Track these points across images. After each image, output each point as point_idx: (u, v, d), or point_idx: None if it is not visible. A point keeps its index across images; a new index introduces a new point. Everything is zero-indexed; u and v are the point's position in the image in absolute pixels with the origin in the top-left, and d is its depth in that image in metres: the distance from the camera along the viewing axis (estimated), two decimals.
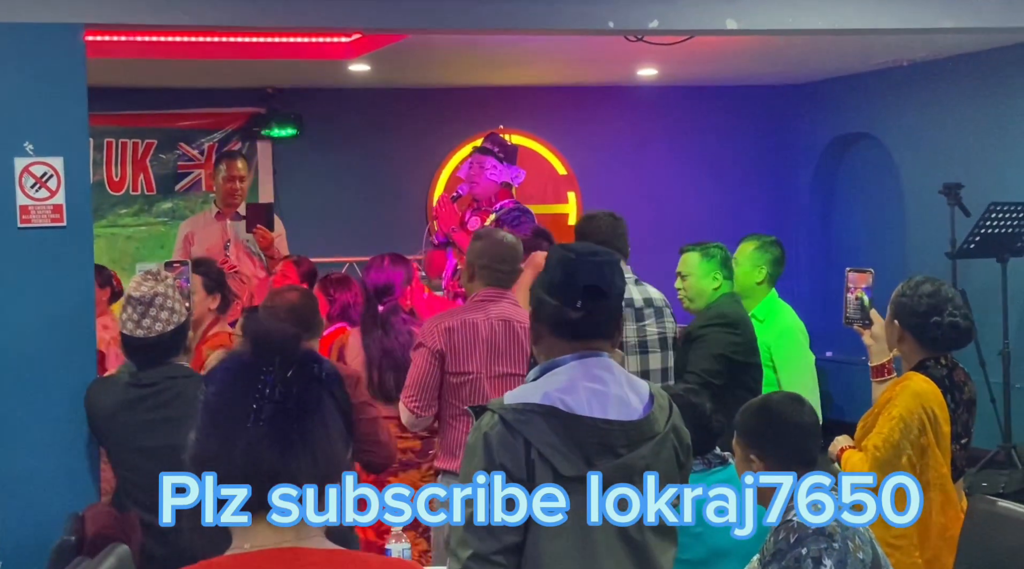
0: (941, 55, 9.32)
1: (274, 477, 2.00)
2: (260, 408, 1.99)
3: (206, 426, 2.04)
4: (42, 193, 4.83)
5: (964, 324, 4.64)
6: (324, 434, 2.04)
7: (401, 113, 10.48)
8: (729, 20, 5.53)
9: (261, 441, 1.99)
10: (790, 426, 3.77)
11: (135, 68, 8.57)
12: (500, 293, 5.28)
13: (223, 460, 2.01)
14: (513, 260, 5.34)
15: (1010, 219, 8.25)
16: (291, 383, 2.02)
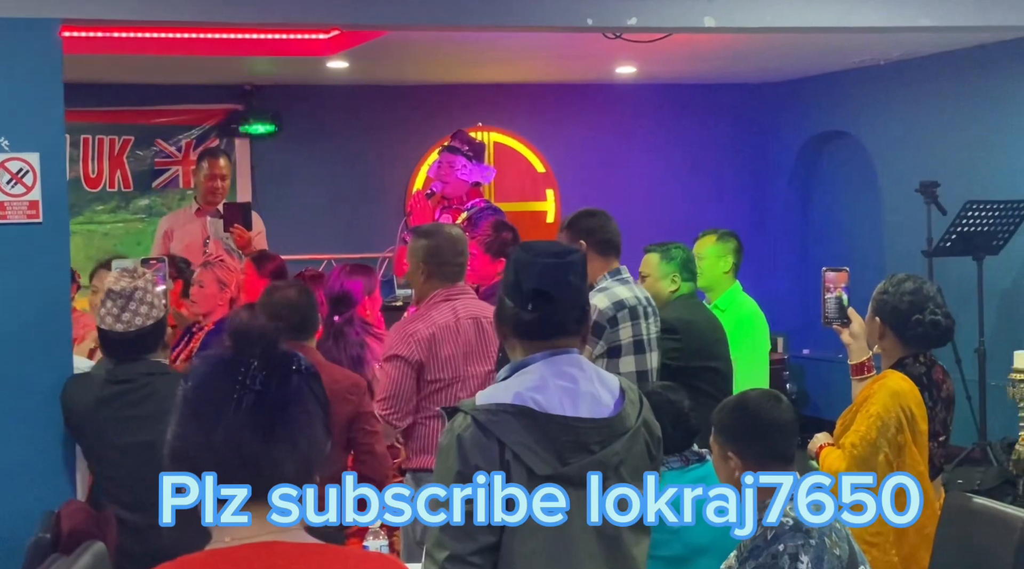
0: (918, 54, 9.35)
1: (256, 465, 2.01)
2: (241, 398, 2.01)
3: (186, 418, 2.05)
4: (18, 189, 4.80)
5: (945, 322, 4.65)
6: (306, 422, 2.06)
7: (380, 110, 10.47)
8: (707, 18, 5.54)
9: (242, 429, 2.00)
10: (767, 423, 3.76)
11: (112, 64, 8.54)
12: (459, 289, 5.25)
13: (204, 449, 2.01)
14: (462, 253, 5.32)
15: (986, 217, 8.28)
16: (272, 374, 2.04)
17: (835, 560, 3.55)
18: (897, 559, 4.41)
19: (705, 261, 6.67)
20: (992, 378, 8.13)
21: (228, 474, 2.02)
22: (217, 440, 2.01)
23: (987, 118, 9.01)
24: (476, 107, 10.49)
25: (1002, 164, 8.82)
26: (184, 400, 2.07)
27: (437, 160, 8.52)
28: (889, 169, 9.98)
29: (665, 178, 10.92)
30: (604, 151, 10.84)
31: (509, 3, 5.38)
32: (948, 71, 9.28)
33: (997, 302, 8.61)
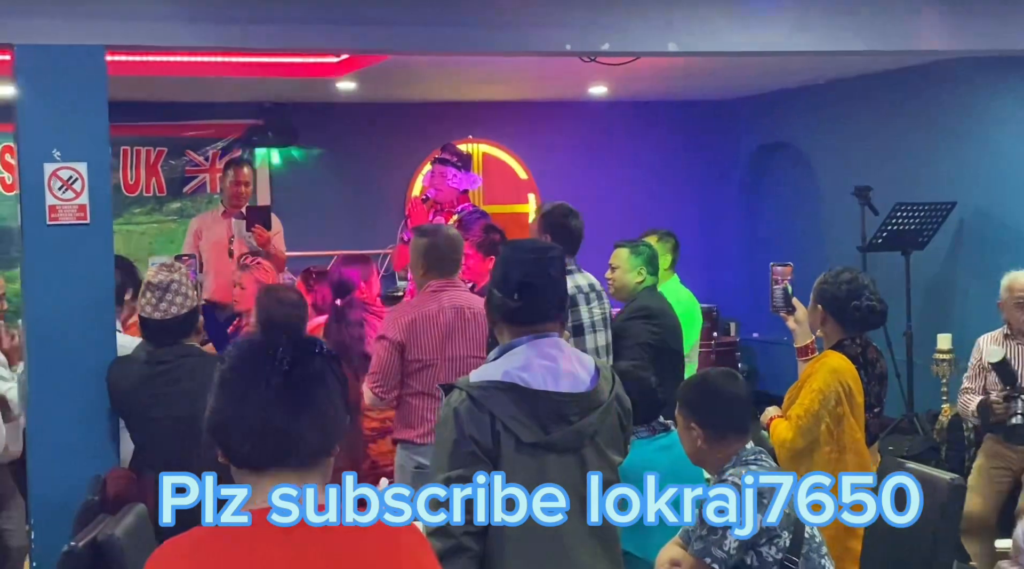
0: (853, 74, 9.36)
1: (283, 434, 2.01)
2: (270, 377, 2.01)
3: (222, 395, 2.06)
4: (68, 194, 4.80)
5: (879, 307, 4.69)
6: (327, 399, 2.06)
7: (383, 125, 10.45)
8: (671, 43, 5.54)
9: (271, 403, 2.01)
10: (726, 397, 3.78)
11: (148, 84, 8.51)
12: (450, 282, 5.26)
13: (237, 420, 2.02)
14: (458, 251, 5.33)
15: (913, 217, 8.31)
16: (297, 356, 2.05)
17: (784, 517, 3.56)
18: None
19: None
20: (918, 358, 8.17)
21: (258, 443, 2.02)
22: (249, 413, 2.01)
23: (913, 130, 9.03)
24: (467, 122, 10.48)
25: (927, 170, 8.85)
26: (221, 379, 2.08)
27: (430, 170, 8.52)
28: (827, 175, 9.99)
29: (632, 183, 10.92)
30: (579, 160, 10.84)
31: (497, 32, 5.38)
32: (879, 89, 9.30)
33: (922, 291, 8.64)
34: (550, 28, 5.38)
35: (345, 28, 5.26)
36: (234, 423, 2.02)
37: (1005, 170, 8.21)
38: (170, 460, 4.32)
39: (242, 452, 2.04)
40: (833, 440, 4.45)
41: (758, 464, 3.67)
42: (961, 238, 8.57)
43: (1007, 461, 6.02)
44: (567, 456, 3.15)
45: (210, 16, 5.02)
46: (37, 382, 4.78)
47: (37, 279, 4.81)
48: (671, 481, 4.30)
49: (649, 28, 5.47)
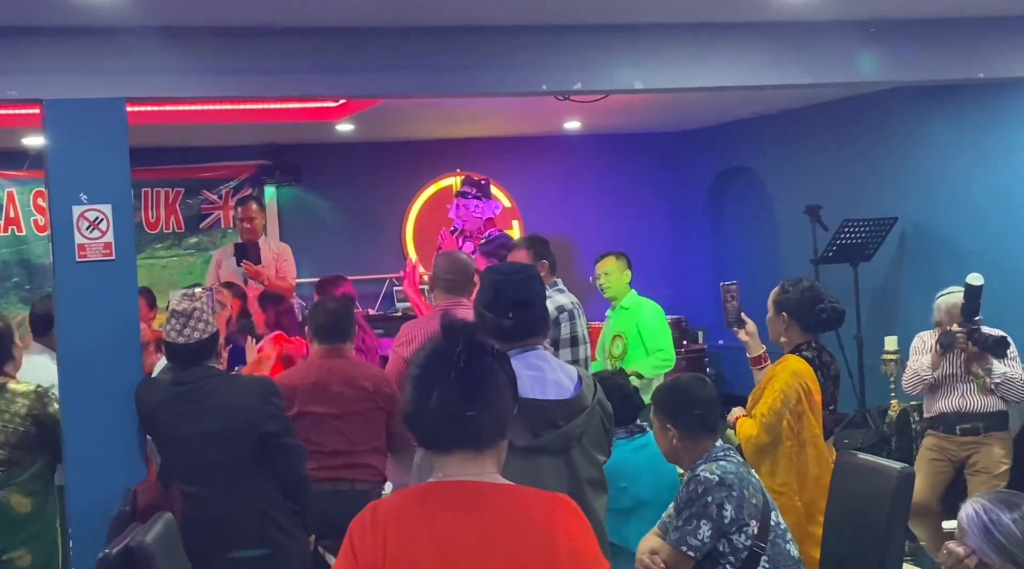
0: (801, 104, 9.41)
1: (461, 421, 2.20)
2: (449, 374, 2.20)
3: (412, 390, 2.25)
4: (95, 233, 4.78)
5: (840, 308, 4.71)
6: (496, 391, 2.25)
7: (378, 161, 10.46)
8: (637, 81, 5.55)
9: (450, 395, 2.20)
10: (696, 400, 3.79)
11: (166, 131, 8.52)
12: (456, 301, 5.26)
13: (424, 410, 2.21)
14: (464, 272, 5.33)
15: (859, 232, 8.34)
16: (471, 356, 2.23)
17: (752, 508, 3.57)
18: (800, 504, 4.43)
19: (612, 276, 6.75)
20: (868, 358, 8.18)
21: (441, 431, 2.22)
22: (433, 405, 2.20)
23: (859, 153, 9.07)
24: (455, 157, 10.50)
25: (870, 189, 8.89)
26: (411, 378, 2.26)
27: (454, 203, 8.57)
28: (782, 196, 10.02)
29: (605, 208, 10.94)
30: (557, 189, 10.86)
31: (480, 74, 5.39)
32: (826, 117, 9.34)
33: (870, 299, 8.67)
34: (528, 70, 5.39)
35: (342, 76, 5.26)
36: (422, 413, 2.22)
37: (940, 187, 8.25)
38: (194, 472, 4.31)
39: (429, 437, 2.25)
40: (794, 435, 4.45)
41: (727, 459, 3.68)
42: (903, 250, 8.60)
43: (946, 453, 6.03)
44: (556, 458, 3.15)
45: (219, 68, 5.03)
46: (72, 404, 4.76)
47: (68, 311, 4.80)
48: (648, 477, 4.31)
49: (617, 68, 5.48)
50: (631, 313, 6.73)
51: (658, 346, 6.62)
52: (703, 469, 3.62)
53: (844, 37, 5.63)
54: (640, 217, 11.01)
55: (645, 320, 6.69)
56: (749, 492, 3.58)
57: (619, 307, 6.80)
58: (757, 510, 3.57)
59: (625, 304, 6.77)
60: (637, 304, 6.78)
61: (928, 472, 5.97)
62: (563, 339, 5.65)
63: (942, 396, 6.04)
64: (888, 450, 7.05)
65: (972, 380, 5.94)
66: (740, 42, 5.59)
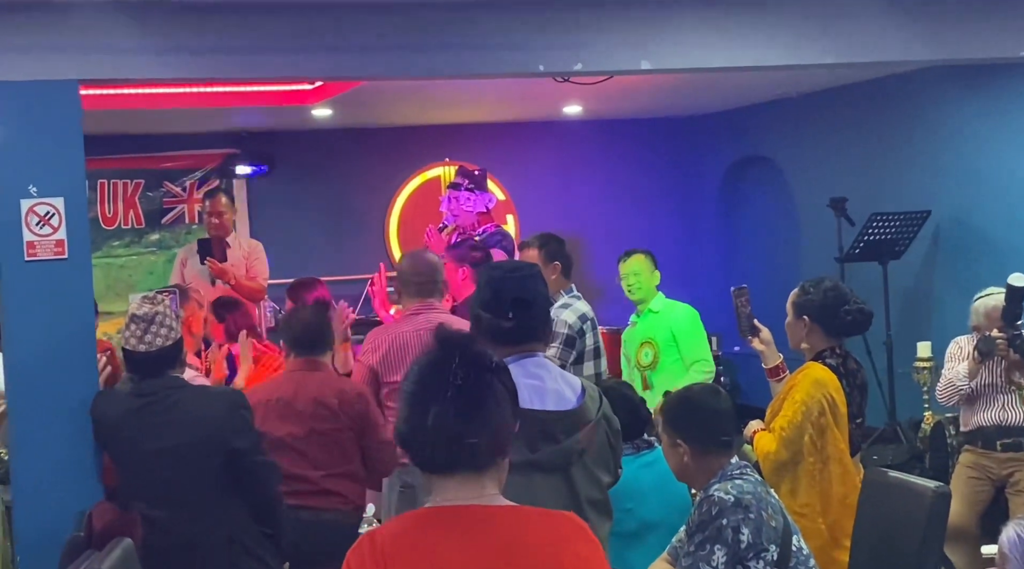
0: (824, 87, 9.41)
1: (457, 441, 2.26)
2: (446, 390, 2.26)
3: (406, 408, 2.31)
4: (45, 230, 4.77)
5: (868, 310, 4.71)
6: (495, 408, 2.30)
7: (359, 150, 10.46)
8: (643, 61, 5.55)
9: (447, 414, 2.25)
10: (710, 413, 3.79)
11: (124, 117, 8.50)
12: (427, 304, 5.27)
13: (419, 430, 2.28)
14: (432, 271, 5.34)
15: (889, 227, 8.34)
16: (469, 371, 2.29)
17: (771, 531, 3.57)
18: (824, 527, 4.43)
19: (642, 276, 6.73)
20: (899, 366, 8.18)
21: (438, 453, 2.28)
22: (428, 424, 2.26)
23: (887, 140, 9.07)
24: (444, 144, 10.50)
25: (901, 180, 8.89)
26: (405, 394, 2.33)
27: (445, 196, 8.57)
28: (803, 188, 10.03)
29: (609, 201, 10.95)
30: (556, 180, 10.86)
31: (469, 54, 5.38)
32: (851, 101, 9.34)
33: (900, 300, 8.67)
34: (522, 49, 5.38)
35: (318, 55, 5.26)
36: (416, 433, 2.29)
37: (977, 177, 8.26)
38: (156, 493, 4.31)
39: (424, 458, 2.31)
40: (817, 451, 4.45)
41: (744, 478, 3.68)
42: (937, 246, 8.61)
43: (985, 470, 6.03)
44: (554, 476, 3.14)
45: (182, 47, 5.01)
46: (20, 419, 4.75)
47: (16, 316, 4.78)
48: (656, 498, 4.31)
49: (621, 47, 5.48)
50: (662, 318, 6.69)
51: (698, 355, 6.62)
52: (717, 489, 3.62)
53: (871, 12, 5.64)
54: (646, 211, 11.01)
55: (681, 326, 6.68)
56: (768, 514, 3.58)
57: (647, 311, 6.76)
58: (777, 534, 3.57)
59: (655, 308, 6.73)
60: (669, 307, 6.76)
61: (965, 492, 5.98)
62: (588, 350, 5.66)
63: (981, 408, 6.04)
64: (921, 467, 7.05)
65: (1014, 390, 5.95)
66: (757, 18, 5.59)
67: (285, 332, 5.14)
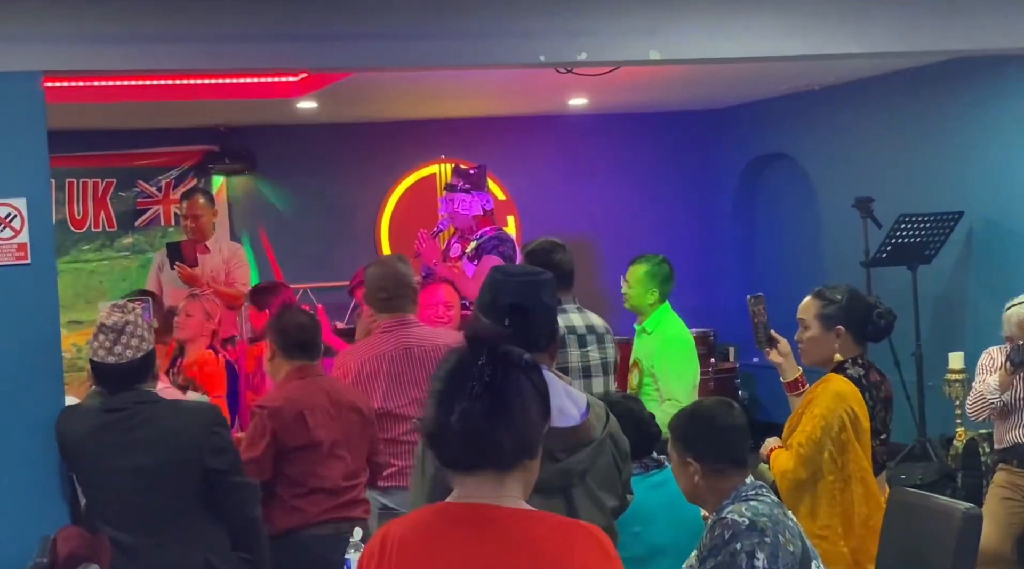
0: (848, 79, 9.41)
1: (481, 440, 2.38)
2: (472, 388, 2.37)
3: (432, 405, 2.43)
4: (6, 233, 4.78)
5: (893, 312, 4.71)
6: (520, 407, 2.40)
7: (348, 147, 10.47)
8: (652, 51, 5.56)
9: (472, 412, 2.36)
10: (722, 429, 3.78)
11: (93, 111, 8.51)
12: (399, 320, 5.25)
13: (443, 427, 2.39)
14: (399, 283, 5.30)
15: (918, 229, 8.34)
16: (496, 369, 2.40)
17: (789, 556, 3.56)
18: (846, 551, 4.42)
19: (632, 289, 6.45)
20: (929, 379, 8.19)
21: (460, 448, 2.40)
22: (453, 421, 2.37)
23: (916, 136, 9.08)
24: (439, 141, 10.51)
25: (932, 179, 8.89)
26: (432, 393, 2.44)
27: (443, 197, 8.57)
28: (826, 187, 10.03)
29: (617, 202, 10.95)
30: (560, 178, 10.87)
31: (465, 43, 5.39)
32: (878, 94, 9.35)
33: (931, 308, 8.67)
34: (522, 38, 5.39)
35: (302, 44, 5.27)
36: (441, 430, 2.40)
37: (1013, 175, 8.26)
38: (125, 516, 4.30)
39: (448, 456, 2.43)
40: (837, 469, 4.44)
41: (759, 499, 3.67)
42: (970, 250, 8.61)
43: (1020, 490, 6.03)
44: (554, 498, 3.12)
45: (155, 36, 5.02)
46: None
47: None
48: (666, 520, 4.30)
49: (629, 35, 5.49)
50: (651, 340, 6.40)
51: (671, 392, 6.21)
52: (731, 510, 3.61)
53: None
54: (658, 212, 11.02)
55: (663, 354, 6.33)
56: (785, 537, 3.57)
57: (641, 329, 6.55)
58: (795, 559, 3.56)
59: (649, 327, 6.48)
60: (661, 329, 6.43)
61: (1000, 514, 5.97)
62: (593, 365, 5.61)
63: (1015, 424, 6.04)
64: (953, 487, 7.05)
65: None
66: (777, 4, 5.60)
67: (278, 336, 5.07)
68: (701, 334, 9.83)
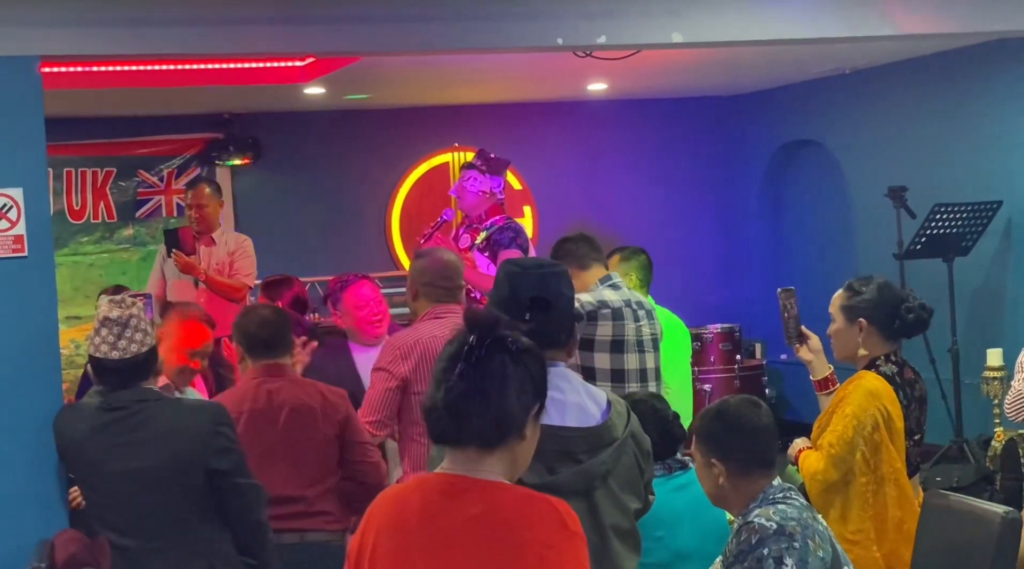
0: (882, 62, 9.39)
1: (462, 416, 2.61)
2: (458, 368, 2.62)
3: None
4: (2, 224, 4.79)
5: (929, 307, 4.70)
6: (500, 391, 2.62)
7: (357, 134, 10.48)
8: (675, 33, 5.56)
9: (454, 390, 2.61)
10: (748, 430, 3.77)
11: (92, 98, 8.54)
12: (446, 308, 5.24)
13: (436, 402, 2.64)
14: (455, 276, 5.31)
15: (954, 219, 8.32)
16: (482, 351, 2.62)
17: (819, 562, 3.55)
18: (879, 556, 4.42)
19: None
20: (966, 376, 8.17)
21: (443, 425, 2.64)
22: (440, 397, 2.63)
23: (952, 122, 9.05)
24: (452, 128, 10.51)
25: (968, 167, 8.87)
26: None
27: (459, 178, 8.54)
28: (858, 175, 10.01)
29: (639, 191, 10.94)
30: (579, 167, 10.87)
31: (479, 26, 5.39)
32: (912, 78, 9.32)
33: (968, 302, 8.65)
34: (539, 20, 5.40)
35: (310, 27, 5.28)
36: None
37: None
38: (126, 519, 4.31)
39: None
40: (870, 471, 4.44)
41: (787, 503, 3.67)
42: (1009, 241, 8.59)
43: None
44: (576, 500, 3.12)
45: (156, 19, 5.03)
46: None
47: None
48: (690, 524, 4.30)
49: (651, 17, 5.49)
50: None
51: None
52: (757, 514, 3.61)
53: None
54: (681, 201, 11.02)
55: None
56: (815, 542, 3.57)
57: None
58: (825, 564, 3.56)
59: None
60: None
61: None
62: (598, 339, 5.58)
63: None
64: (991, 490, 7.03)
65: None
66: None
67: (240, 333, 5.03)
68: (726, 330, 9.84)
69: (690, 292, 8.46)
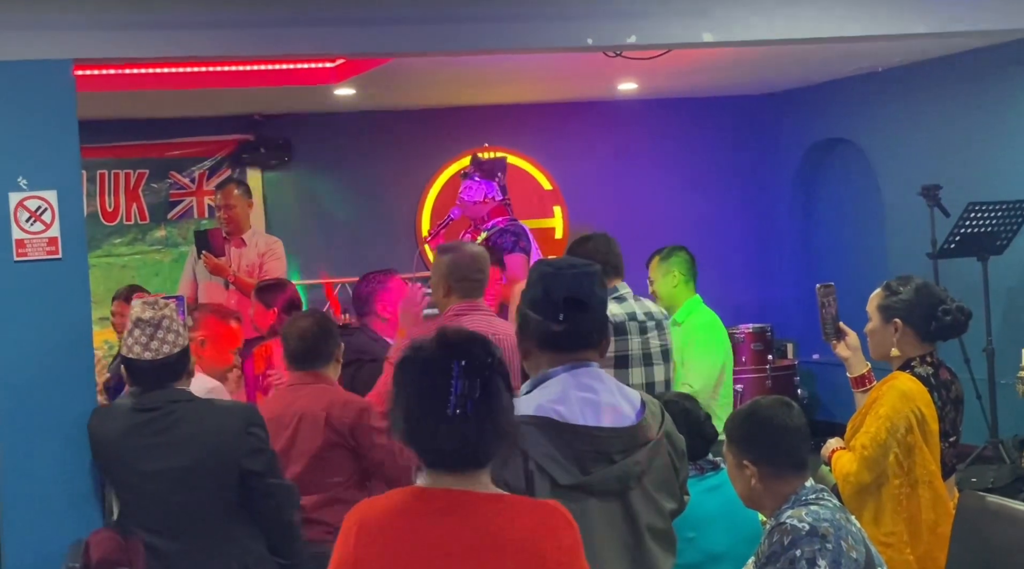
0: (914, 60, 9.35)
1: (472, 446, 2.60)
2: (456, 399, 2.58)
3: (413, 411, 2.62)
4: (37, 226, 4.83)
5: (967, 309, 4.68)
6: (501, 409, 2.63)
7: (387, 135, 10.49)
8: (706, 33, 5.55)
9: (461, 423, 2.58)
10: (781, 430, 3.77)
11: (124, 100, 8.58)
12: (472, 305, 5.25)
13: (432, 436, 2.60)
14: (482, 269, 5.32)
15: (989, 218, 8.28)
16: (475, 380, 2.60)
17: (852, 563, 3.55)
18: (912, 558, 4.41)
19: (656, 283, 6.60)
20: (1001, 376, 8.12)
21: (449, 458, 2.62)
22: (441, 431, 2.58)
23: (986, 120, 9.00)
24: (482, 128, 10.51)
25: (1002, 165, 8.82)
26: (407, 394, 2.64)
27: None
28: (890, 174, 9.97)
29: (669, 190, 10.92)
30: (608, 167, 10.85)
31: (509, 26, 5.40)
32: (945, 76, 9.28)
33: (1003, 301, 8.61)
34: (569, 21, 5.40)
35: (341, 29, 5.29)
36: (429, 437, 2.62)
37: None
38: (159, 520, 4.34)
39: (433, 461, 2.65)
40: (904, 473, 4.43)
41: (819, 504, 3.66)
42: None
43: None
44: (611, 501, 3.13)
45: (188, 22, 5.06)
46: (9, 438, 4.81)
47: (4, 322, 4.84)
48: (722, 526, 4.30)
49: (681, 17, 5.49)
50: (682, 332, 6.46)
51: (685, 377, 6.34)
52: (790, 515, 3.61)
53: None
54: (712, 201, 10.99)
55: (688, 341, 6.42)
56: (848, 544, 3.57)
57: (672, 322, 6.61)
58: (858, 565, 3.56)
59: (679, 318, 6.52)
60: (691, 318, 6.56)
61: None
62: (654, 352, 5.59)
63: None
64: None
65: None
66: None
67: (284, 344, 5.14)
68: (758, 330, 9.80)
69: (721, 292, 8.40)
